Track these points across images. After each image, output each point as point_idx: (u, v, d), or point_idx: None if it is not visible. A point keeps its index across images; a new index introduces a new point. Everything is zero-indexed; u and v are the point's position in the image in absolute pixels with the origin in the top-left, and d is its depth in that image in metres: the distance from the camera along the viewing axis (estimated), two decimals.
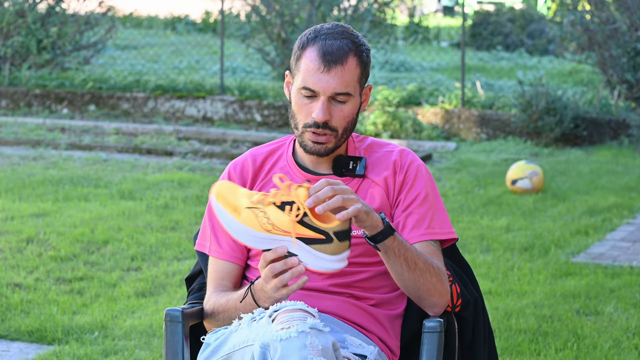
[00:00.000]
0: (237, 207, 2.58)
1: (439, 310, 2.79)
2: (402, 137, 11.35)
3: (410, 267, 2.69)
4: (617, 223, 7.41)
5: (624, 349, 4.81)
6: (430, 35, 21.40)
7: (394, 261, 2.68)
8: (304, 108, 2.79)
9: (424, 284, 2.72)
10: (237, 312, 2.72)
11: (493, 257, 6.43)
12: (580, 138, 11.29)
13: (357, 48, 2.78)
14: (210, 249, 2.88)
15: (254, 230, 2.56)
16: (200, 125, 12.21)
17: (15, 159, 9.85)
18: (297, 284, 2.57)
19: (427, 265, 2.71)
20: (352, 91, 2.78)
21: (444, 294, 2.76)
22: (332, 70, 2.74)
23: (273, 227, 2.55)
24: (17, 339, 4.92)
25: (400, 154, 2.89)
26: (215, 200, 2.60)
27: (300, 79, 2.78)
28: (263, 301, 2.65)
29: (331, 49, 2.75)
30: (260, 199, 2.57)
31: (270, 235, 2.56)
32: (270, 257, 2.56)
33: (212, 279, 2.87)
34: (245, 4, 14.21)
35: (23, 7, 13.51)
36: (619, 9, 11.79)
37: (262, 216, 2.55)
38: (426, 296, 2.75)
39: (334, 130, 2.79)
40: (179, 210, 7.57)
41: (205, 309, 2.84)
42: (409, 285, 2.73)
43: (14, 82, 13.30)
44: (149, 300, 5.50)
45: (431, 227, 2.82)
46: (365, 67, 2.81)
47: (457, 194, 8.42)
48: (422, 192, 2.84)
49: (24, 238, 6.65)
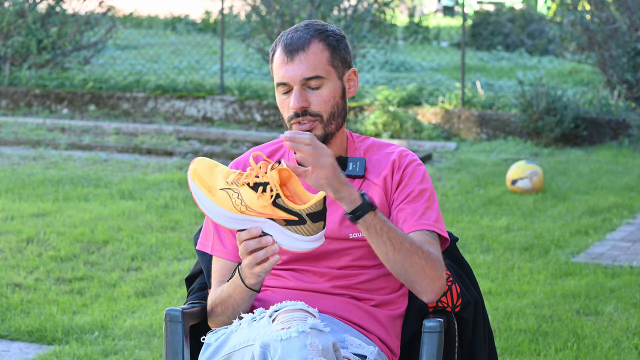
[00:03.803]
0: (212, 187, 2.59)
1: (432, 297, 2.75)
2: (402, 137, 11.35)
3: (395, 246, 2.67)
4: (617, 223, 7.41)
5: (624, 349, 4.81)
6: (430, 35, 21.39)
7: (377, 240, 2.67)
8: (284, 104, 2.82)
9: (412, 265, 2.69)
10: (230, 298, 2.73)
11: (493, 257, 6.43)
12: (580, 138, 11.29)
13: (321, 34, 2.80)
14: (213, 248, 2.88)
15: (228, 211, 2.58)
16: (200, 125, 12.20)
17: (15, 159, 9.85)
18: (270, 263, 2.59)
19: (415, 247, 2.69)
20: (323, 74, 2.78)
21: (435, 278, 2.72)
22: (295, 59, 2.77)
23: (247, 208, 2.57)
24: (17, 339, 4.92)
25: (400, 155, 2.89)
26: (191, 179, 2.62)
27: (275, 78, 2.82)
28: (248, 279, 2.67)
29: (292, 41, 2.79)
30: (236, 178, 2.58)
31: (244, 216, 2.57)
32: (244, 237, 2.58)
33: (214, 277, 2.87)
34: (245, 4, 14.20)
35: (23, 7, 13.51)
36: (619, 8, 11.79)
37: (235, 197, 2.57)
38: (416, 279, 2.71)
39: (316, 116, 2.79)
40: (179, 210, 7.57)
41: (208, 306, 2.84)
42: (396, 267, 2.70)
43: (14, 82, 13.30)
44: (149, 300, 5.49)
45: (424, 218, 2.80)
46: (334, 50, 2.81)
47: (457, 194, 8.42)
48: (416, 189, 2.84)
49: (24, 238, 6.65)
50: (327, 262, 2.83)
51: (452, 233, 3.08)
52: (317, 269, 2.83)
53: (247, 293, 2.70)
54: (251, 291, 2.70)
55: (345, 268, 2.82)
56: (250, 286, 2.68)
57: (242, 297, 2.72)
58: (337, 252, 2.82)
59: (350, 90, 2.86)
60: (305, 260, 2.84)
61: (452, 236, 3.05)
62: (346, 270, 2.83)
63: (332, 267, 2.83)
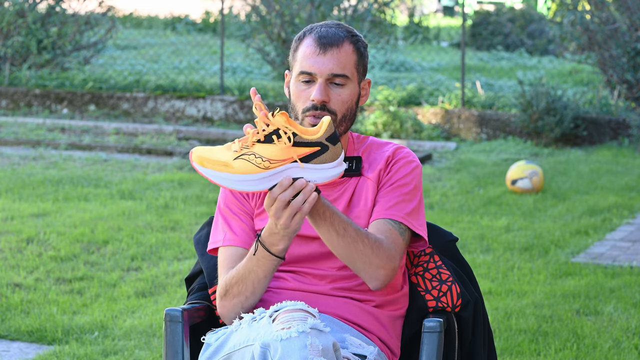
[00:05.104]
0: (225, 162, 2.57)
1: (377, 284, 2.75)
2: (402, 137, 11.35)
3: (339, 232, 2.67)
4: (617, 223, 7.41)
5: (623, 349, 4.81)
6: (430, 35, 21.40)
7: (321, 224, 2.67)
8: (302, 94, 2.81)
9: (356, 251, 2.69)
10: (250, 274, 2.71)
11: (493, 257, 6.43)
12: (580, 138, 11.29)
13: (353, 37, 2.83)
14: (224, 239, 2.86)
15: (253, 174, 2.56)
16: (200, 125, 12.20)
17: (15, 159, 9.85)
18: (309, 203, 2.57)
19: (360, 235, 2.69)
20: (350, 74, 2.80)
21: (380, 266, 2.72)
22: (327, 52, 2.78)
23: (270, 162, 2.56)
24: (17, 339, 4.92)
25: (394, 151, 2.90)
26: (202, 167, 2.59)
27: (298, 67, 2.81)
28: (276, 244, 2.65)
29: (327, 34, 2.80)
30: (243, 143, 2.57)
31: (271, 171, 2.56)
32: (278, 192, 2.56)
33: (223, 266, 2.84)
34: (245, 4, 14.21)
35: (23, 7, 13.51)
36: (619, 8, 11.79)
37: (253, 158, 2.56)
38: (361, 266, 2.72)
39: (332, 114, 2.79)
40: (179, 210, 7.57)
41: (218, 292, 2.80)
42: (342, 253, 2.71)
43: (14, 82, 13.30)
44: (149, 300, 5.49)
45: (395, 209, 2.80)
46: (361, 56, 2.83)
47: (457, 194, 8.42)
48: (398, 182, 2.84)
49: (24, 238, 6.65)
50: (327, 263, 2.83)
51: (452, 233, 3.09)
52: (317, 271, 2.83)
53: (273, 263, 2.69)
54: (277, 259, 2.68)
55: (345, 268, 2.82)
56: (278, 253, 2.67)
57: (267, 269, 2.70)
58: None
59: (363, 99, 2.89)
60: (305, 261, 2.84)
61: (452, 236, 3.05)
62: (346, 271, 2.83)
63: (332, 267, 2.83)
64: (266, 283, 2.73)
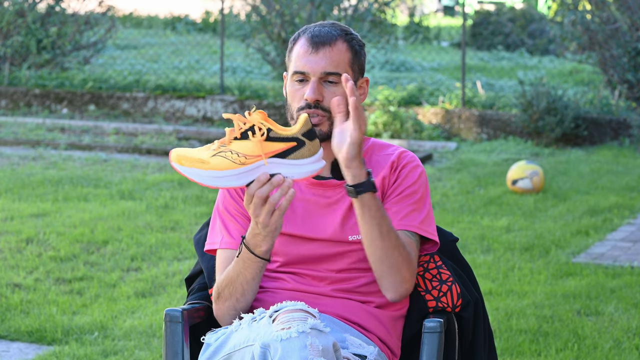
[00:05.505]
0: (203, 159, 2.59)
1: (396, 297, 2.77)
2: (403, 137, 11.34)
3: (383, 235, 2.68)
4: (617, 223, 7.40)
5: (624, 350, 4.80)
6: (430, 35, 21.40)
7: (369, 222, 2.67)
8: (297, 94, 2.82)
9: (392, 257, 2.71)
10: (239, 277, 2.71)
11: (493, 257, 6.43)
12: (580, 138, 11.28)
13: (347, 35, 2.83)
14: (222, 242, 2.86)
15: (230, 170, 2.58)
16: (200, 125, 12.20)
17: (15, 159, 9.85)
18: (287, 199, 2.57)
19: (400, 243, 2.71)
20: (343, 72, 2.79)
21: (406, 279, 2.74)
22: (320, 51, 2.78)
23: (246, 157, 2.57)
24: (17, 339, 4.91)
25: (399, 156, 2.89)
26: (179, 165, 2.60)
27: (292, 67, 2.82)
28: (259, 246, 2.66)
29: (319, 33, 2.81)
30: (221, 142, 2.60)
31: (247, 167, 2.57)
32: (255, 188, 2.57)
33: (219, 269, 2.84)
34: (245, 4, 14.20)
35: (23, 7, 13.51)
36: (620, 8, 11.78)
37: (230, 154, 2.58)
38: (389, 273, 2.73)
39: (326, 112, 2.79)
40: (178, 211, 7.57)
41: (213, 295, 2.81)
42: (377, 255, 2.71)
43: (13, 82, 13.29)
44: (149, 300, 5.49)
45: (408, 219, 2.81)
46: (356, 54, 2.83)
47: (457, 194, 8.42)
48: (407, 190, 2.84)
49: (24, 238, 6.64)
50: (326, 265, 2.82)
51: (452, 233, 3.08)
52: (317, 273, 2.82)
53: (259, 264, 2.69)
54: (262, 261, 2.68)
55: (344, 271, 2.82)
56: (262, 255, 2.67)
57: (253, 271, 2.70)
58: (336, 255, 2.82)
59: (360, 98, 2.86)
60: (304, 262, 2.83)
61: (452, 236, 3.04)
62: (345, 274, 2.82)
63: (331, 270, 2.82)
64: (255, 285, 2.73)
